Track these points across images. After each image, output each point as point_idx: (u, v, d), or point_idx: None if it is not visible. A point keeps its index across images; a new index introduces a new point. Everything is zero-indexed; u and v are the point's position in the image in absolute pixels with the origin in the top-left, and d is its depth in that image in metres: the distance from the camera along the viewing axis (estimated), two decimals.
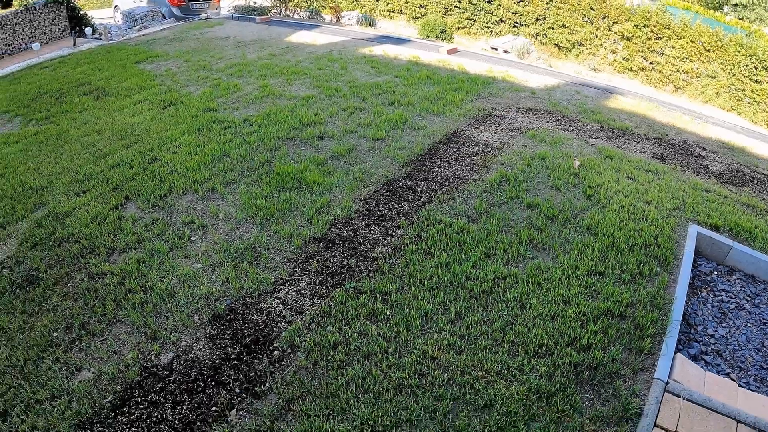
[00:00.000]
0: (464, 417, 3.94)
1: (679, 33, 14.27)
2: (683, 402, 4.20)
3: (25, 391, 4.39)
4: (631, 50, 15.15)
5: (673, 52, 14.40)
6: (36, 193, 7.41)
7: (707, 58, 13.89)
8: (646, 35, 14.79)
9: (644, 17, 14.66)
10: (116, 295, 5.32)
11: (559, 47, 16.50)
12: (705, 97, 13.89)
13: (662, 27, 14.50)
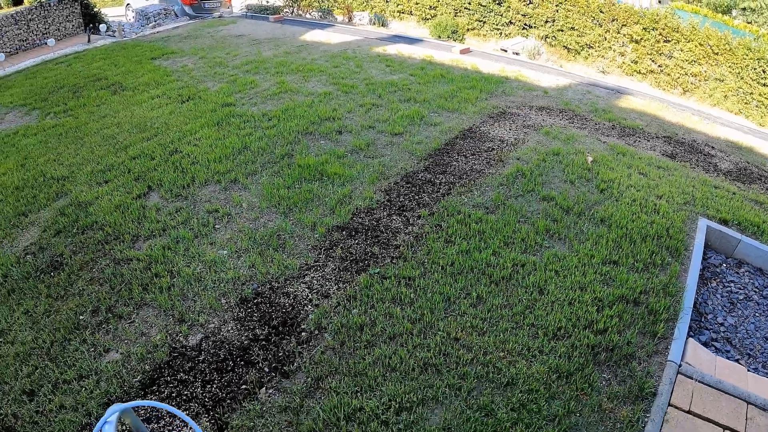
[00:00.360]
0: (488, 394, 4.13)
1: (688, 36, 14.39)
2: (696, 384, 4.38)
3: (53, 372, 4.57)
4: (639, 53, 15.28)
5: (682, 55, 14.52)
6: (57, 182, 7.61)
7: (715, 62, 14.02)
8: (655, 38, 14.91)
9: (653, 20, 14.79)
10: (143, 279, 5.51)
11: (569, 49, 16.66)
12: (713, 100, 14.03)
13: (671, 30, 14.63)
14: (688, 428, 4.02)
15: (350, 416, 3.96)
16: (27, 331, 5.06)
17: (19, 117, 10.69)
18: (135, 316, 5.11)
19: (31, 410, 4.26)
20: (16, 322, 5.18)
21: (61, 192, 7.37)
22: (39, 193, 7.36)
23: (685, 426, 4.03)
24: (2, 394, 4.40)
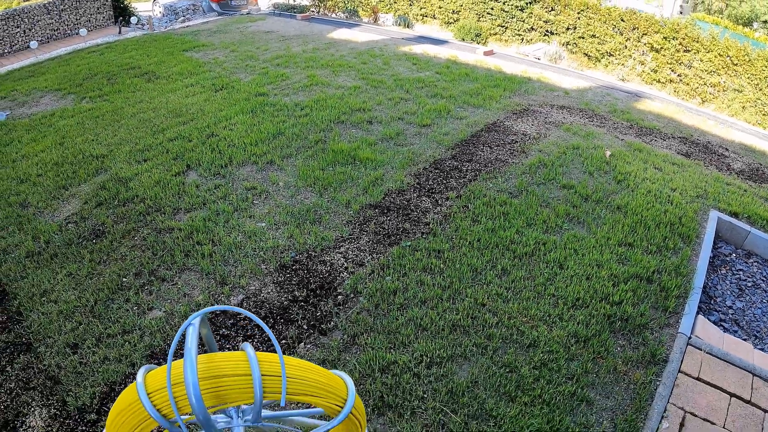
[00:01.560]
0: (511, 353, 4.53)
1: (707, 46, 14.61)
2: (704, 354, 4.75)
3: (96, 327, 4.97)
4: (659, 62, 15.53)
5: (701, 65, 14.74)
6: (96, 160, 8.06)
7: (734, 72, 14.23)
8: (675, 47, 15.16)
9: (673, 30, 15.03)
10: (184, 247, 5.92)
11: (589, 57, 16.98)
12: (731, 110, 14.26)
13: (691, 40, 14.87)
14: (697, 393, 4.37)
15: (384, 369, 4.35)
16: (70, 292, 5.46)
17: (54, 100, 11.16)
18: (177, 279, 5.50)
19: (74, 361, 4.64)
20: (59, 284, 5.58)
21: (100, 168, 7.80)
22: (78, 169, 7.79)
23: (694, 390, 4.38)
24: (46, 347, 4.79)
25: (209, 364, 2.18)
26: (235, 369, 2.20)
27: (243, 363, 2.19)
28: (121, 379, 4.46)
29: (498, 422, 3.94)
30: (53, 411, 4.32)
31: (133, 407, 2.23)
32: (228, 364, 2.20)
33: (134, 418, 2.23)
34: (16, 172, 7.90)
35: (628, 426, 3.95)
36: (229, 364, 2.20)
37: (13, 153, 8.61)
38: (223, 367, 2.17)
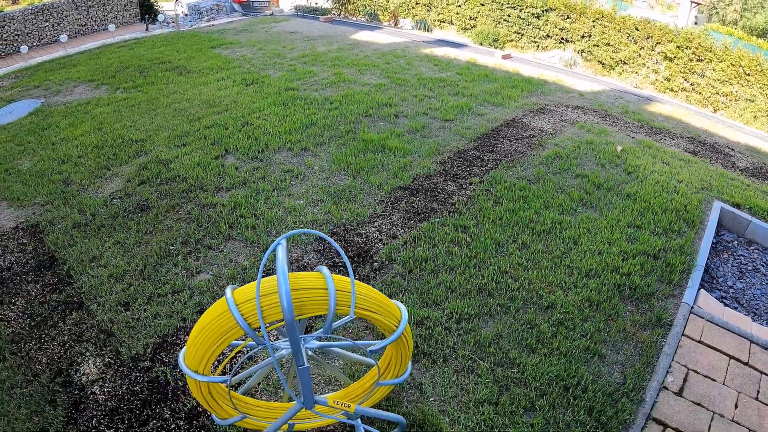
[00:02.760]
0: (532, 313, 5.10)
1: (720, 56, 14.94)
2: (705, 322, 5.29)
3: (146, 288, 5.51)
4: (672, 71, 15.91)
5: (714, 75, 15.04)
6: (136, 143, 8.64)
7: (747, 82, 14.55)
8: (688, 56, 15.51)
9: (687, 39, 15.40)
10: (228, 219, 6.49)
11: (603, 64, 17.48)
12: (743, 119, 14.57)
13: (704, 49, 15.22)
14: (699, 354, 4.90)
15: (419, 323, 4.93)
16: (119, 258, 6.02)
17: (88, 90, 11.79)
18: (223, 247, 6.07)
19: (127, 317, 5.19)
20: (108, 251, 6.14)
21: (140, 151, 8.39)
22: (119, 151, 8.39)
23: (696, 352, 4.92)
24: (97, 305, 5.34)
25: (291, 280, 2.78)
26: (313, 284, 2.82)
27: (320, 280, 2.81)
28: (173, 332, 5.02)
29: (521, 369, 4.51)
30: (107, 360, 4.83)
31: (220, 318, 2.86)
32: (307, 281, 2.82)
33: (220, 328, 2.86)
34: (57, 153, 8.51)
35: (637, 378, 4.48)
36: (308, 281, 2.83)
37: (52, 136, 9.22)
38: (303, 283, 2.79)
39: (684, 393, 4.47)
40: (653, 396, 4.38)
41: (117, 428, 4.12)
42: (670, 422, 4.20)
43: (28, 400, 4.41)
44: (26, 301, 5.54)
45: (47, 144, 8.96)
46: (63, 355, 4.88)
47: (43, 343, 5.03)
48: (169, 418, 4.18)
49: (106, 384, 4.57)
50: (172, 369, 4.61)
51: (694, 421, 4.23)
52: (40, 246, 6.38)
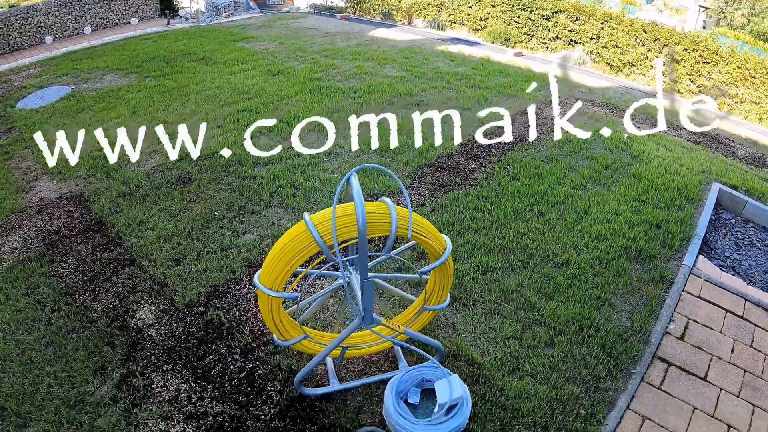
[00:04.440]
0: (549, 268, 5.74)
1: (726, 59, 15.28)
2: (704, 282, 5.89)
3: (195, 246, 6.11)
4: (679, 73, 16.40)
5: (720, 77, 15.47)
6: (170, 125, 9.20)
7: (752, 84, 14.96)
8: (695, 59, 15.89)
9: (693, 42, 15.80)
10: (269, 189, 7.12)
11: (611, 66, 17.99)
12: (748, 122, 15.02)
13: (710, 52, 15.60)
14: (698, 306, 5.50)
15: None
16: (166, 222, 6.63)
17: (117, 78, 12.41)
18: (265, 212, 6.71)
19: (178, 271, 5.79)
20: (154, 216, 6.76)
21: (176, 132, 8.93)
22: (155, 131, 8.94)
23: (695, 305, 5.53)
24: (149, 262, 5.94)
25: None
26: (378, 210, 3.47)
27: (384, 207, 3.46)
28: (224, 283, 5.62)
29: (540, 312, 5.16)
30: (162, 307, 5.40)
31: (298, 238, 3.52)
32: (374, 206, 3.48)
33: (299, 245, 3.51)
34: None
35: (643, 323, 5.12)
36: (374, 207, 3.48)
37: (87, 118, 9.88)
38: (370, 208, 3.44)
39: (685, 338, 5.09)
40: (658, 339, 5.00)
41: (175, 363, 4.73)
42: (673, 361, 4.82)
43: (86, 342, 4.97)
44: (77, 259, 6.12)
45: (83, 125, 9.55)
46: (118, 304, 5.45)
47: (98, 295, 5.59)
48: (225, 353, 4.79)
49: (162, 327, 5.15)
50: (226, 312, 5.21)
51: (696, 361, 4.85)
52: (87, 213, 6.98)
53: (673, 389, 4.54)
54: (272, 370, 4.61)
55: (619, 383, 4.47)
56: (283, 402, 4.32)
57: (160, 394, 4.41)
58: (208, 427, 4.12)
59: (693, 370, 4.75)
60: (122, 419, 4.18)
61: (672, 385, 4.57)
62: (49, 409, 4.17)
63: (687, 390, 4.56)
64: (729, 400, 4.51)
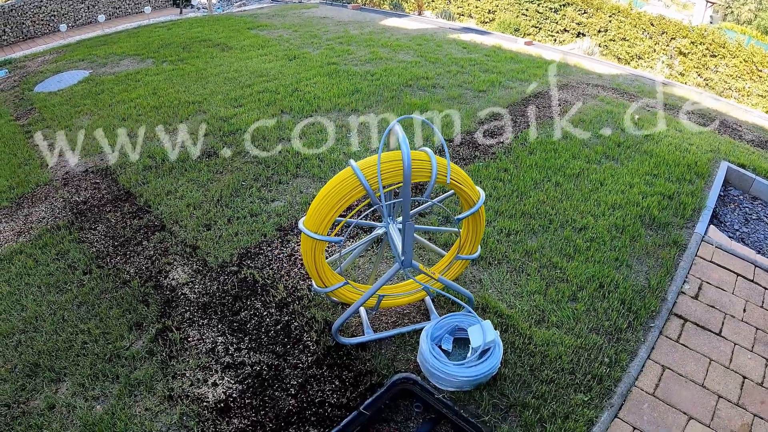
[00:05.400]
0: (568, 231, 5.98)
1: (733, 52, 15.46)
2: (715, 248, 6.15)
3: (226, 212, 6.35)
4: (686, 66, 16.47)
5: (727, 70, 15.66)
6: (192, 105, 9.49)
7: (759, 78, 15.18)
8: (702, 52, 16.07)
9: (701, 35, 16.02)
10: (295, 162, 7.37)
11: (619, 59, 18.15)
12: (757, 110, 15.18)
13: (717, 45, 15.80)
14: (710, 270, 5.73)
15: None
16: (194, 191, 6.85)
17: (134, 63, 12.63)
18: (292, 182, 6.94)
19: (210, 235, 6.03)
20: (182, 186, 6.98)
21: (198, 110, 9.23)
22: (177, 111, 9.24)
23: (708, 268, 5.76)
24: (179, 227, 6.19)
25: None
26: (420, 157, 3.73)
27: (425, 155, 3.72)
28: (255, 245, 5.86)
29: (562, 270, 5.41)
30: (195, 267, 5.62)
31: (344, 182, 3.77)
32: (416, 155, 3.73)
33: (346, 188, 3.76)
34: (115, 112, 9.40)
35: (659, 282, 5.36)
36: (416, 155, 3.74)
37: (107, 99, 10.10)
38: (413, 157, 3.69)
39: (699, 298, 5.34)
40: (673, 297, 5.25)
41: (210, 318, 4.96)
42: (689, 317, 5.08)
43: (120, 301, 5.19)
44: (107, 226, 6.36)
45: (104, 106, 9.84)
46: (151, 266, 5.67)
47: (129, 258, 5.82)
48: (261, 307, 5.04)
49: (196, 285, 5.37)
50: (260, 271, 5.44)
51: (710, 318, 5.11)
52: (114, 184, 7.21)
53: (690, 342, 4.78)
54: (308, 321, 4.83)
55: (639, 335, 4.71)
56: (320, 351, 4.54)
57: (197, 346, 4.63)
58: (246, 375, 4.35)
59: (708, 326, 4.98)
60: (159, 371, 4.39)
61: (689, 339, 4.81)
62: (83, 363, 4.34)
63: (703, 343, 4.80)
64: (743, 354, 4.74)
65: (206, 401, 4.13)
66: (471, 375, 4.04)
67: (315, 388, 4.25)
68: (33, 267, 5.72)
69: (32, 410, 4.13)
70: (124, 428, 3.90)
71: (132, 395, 4.21)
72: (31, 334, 4.83)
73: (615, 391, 4.20)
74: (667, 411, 4.17)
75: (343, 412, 4.06)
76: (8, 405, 4.17)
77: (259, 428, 3.91)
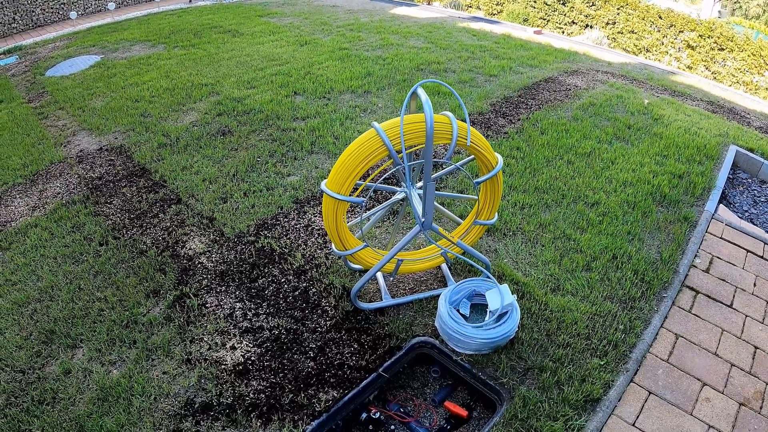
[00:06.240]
0: (581, 206, 6.06)
1: (741, 46, 15.58)
2: (725, 226, 6.23)
3: (242, 186, 6.43)
4: (694, 59, 16.61)
5: (734, 64, 15.75)
6: (206, 86, 9.58)
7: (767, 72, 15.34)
8: (710, 45, 16.19)
9: (709, 28, 16.09)
10: (309, 138, 7.45)
11: (627, 51, 18.29)
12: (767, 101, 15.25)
13: (725, 39, 15.91)
14: (721, 245, 5.81)
15: None
16: (209, 167, 6.93)
17: (145, 48, 12.69)
18: (307, 158, 7.02)
19: (226, 208, 6.11)
20: (197, 162, 7.07)
21: (212, 92, 9.31)
22: (191, 92, 9.33)
23: (718, 244, 5.83)
24: (196, 200, 6.27)
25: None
26: (441, 120, 3.80)
27: (446, 118, 3.80)
28: (272, 217, 5.95)
29: (576, 242, 5.50)
30: (212, 237, 5.71)
31: (370, 141, 3.85)
32: (437, 118, 3.81)
33: (369, 148, 3.84)
34: (128, 94, 9.47)
35: (671, 255, 5.43)
36: (437, 118, 3.82)
37: (120, 82, 10.19)
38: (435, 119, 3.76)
39: (710, 271, 5.42)
40: (685, 270, 5.33)
41: (228, 285, 5.05)
42: (700, 290, 5.16)
43: (137, 270, 5.28)
44: (123, 200, 6.44)
45: (116, 88, 9.93)
46: (167, 237, 5.76)
47: (146, 229, 5.91)
48: (278, 274, 5.13)
49: (213, 254, 5.46)
50: (277, 240, 5.53)
51: (721, 291, 5.18)
52: (129, 161, 7.30)
53: (702, 313, 4.86)
54: (326, 288, 4.91)
55: (653, 304, 4.79)
56: (339, 316, 4.63)
57: (215, 312, 4.72)
58: (265, 339, 4.44)
59: (719, 298, 5.06)
60: (177, 336, 4.48)
61: (701, 310, 4.89)
62: (100, 330, 4.43)
63: (715, 314, 4.88)
64: (754, 326, 4.82)
65: (224, 364, 4.21)
66: (489, 337, 4.11)
67: (334, 351, 4.32)
68: (48, 239, 5.82)
69: (47, 375, 4.20)
70: (141, 391, 3.99)
71: (149, 359, 4.29)
72: (46, 303, 4.92)
73: (630, 357, 4.27)
74: (682, 377, 4.24)
75: (362, 374, 4.14)
76: (23, 371, 4.25)
77: (278, 389, 4.00)
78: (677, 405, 4.05)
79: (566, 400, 3.87)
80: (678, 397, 4.11)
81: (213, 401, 3.93)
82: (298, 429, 3.70)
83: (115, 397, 3.96)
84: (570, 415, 3.77)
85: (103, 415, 3.84)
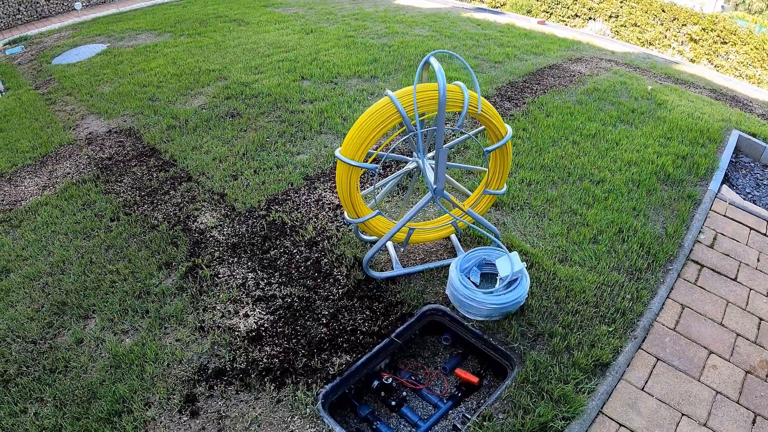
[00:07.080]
0: (587, 183, 6.15)
1: (744, 39, 15.60)
2: (728, 204, 6.31)
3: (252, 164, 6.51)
4: (697, 52, 16.63)
5: (737, 57, 15.78)
6: (213, 72, 9.63)
7: None
8: (713, 39, 16.21)
9: (712, 21, 16.12)
10: (318, 120, 7.52)
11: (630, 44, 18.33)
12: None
13: (728, 32, 15.92)
14: (724, 223, 5.89)
15: None
16: (219, 147, 7.01)
17: (152, 37, 12.72)
18: (316, 138, 7.11)
19: (237, 184, 6.20)
20: (207, 143, 7.15)
21: (219, 77, 9.36)
22: (199, 77, 9.38)
23: (722, 221, 5.91)
24: (206, 178, 6.36)
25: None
26: (453, 89, 3.89)
27: (457, 88, 3.88)
28: (283, 192, 6.03)
29: (582, 216, 5.59)
30: (223, 212, 5.79)
31: (384, 108, 3.94)
32: (449, 87, 3.89)
33: (383, 115, 3.93)
34: (136, 80, 9.53)
35: (675, 231, 5.52)
36: (450, 87, 3.90)
37: (127, 69, 10.24)
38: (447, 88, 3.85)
39: (715, 247, 5.51)
40: (690, 245, 5.43)
41: (240, 257, 5.14)
42: (705, 263, 5.25)
43: (149, 244, 5.36)
44: (133, 179, 6.52)
45: (124, 74, 9.98)
46: (179, 212, 5.84)
47: (157, 205, 5.99)
48: (290, 246, 5.22)
49: (225, 228, 5.54)
50: (288, 214, 5.61)
51: (726, 265, 5.28)
52: (138, 142, 7.37)
53: (707, 285, 4.96)
54: (338, 258, 5.01)
55: (659, 275, 4.89)
56: (351, 284, 4.73)
57: (227, 282, 4.80)
58: (278, 307, 4.53)
59: (723, 272, 5.16)
60: (189, 305, 4.56)
61: (706, 282, 4.98)
62: (112, 300, 4.51)
63: (719, 287, 4.98)
64: (758, 299, 4.92)
65: (238, 331, 4.30)
66: (499, 303, 4.19)
67: (346, 317, 4.42)
68: (59, 216, 5.89)
69: (59, 345, 4.28)
70: (154, 358, 4.07)
71: (162, 328, 4.37)
72: (58, 277, 4.99)
73: (638, 325, 4.36)
74: (689, 345, 4.33)
75: (374, 339, 4.23)
76: (35, 341, 4.30)
77: (292, 354, 4.09)
78: (685, 371, 4.14)
79: (576, 364, 3.95)
80: (685, 363, 4.20)
81: (226, 366, 4.02)
82: (312, 392, 3.78)
83: (128, 364, 4.04)
84: (580, 379, 3.86)
85: (115, 381, 3.92)
